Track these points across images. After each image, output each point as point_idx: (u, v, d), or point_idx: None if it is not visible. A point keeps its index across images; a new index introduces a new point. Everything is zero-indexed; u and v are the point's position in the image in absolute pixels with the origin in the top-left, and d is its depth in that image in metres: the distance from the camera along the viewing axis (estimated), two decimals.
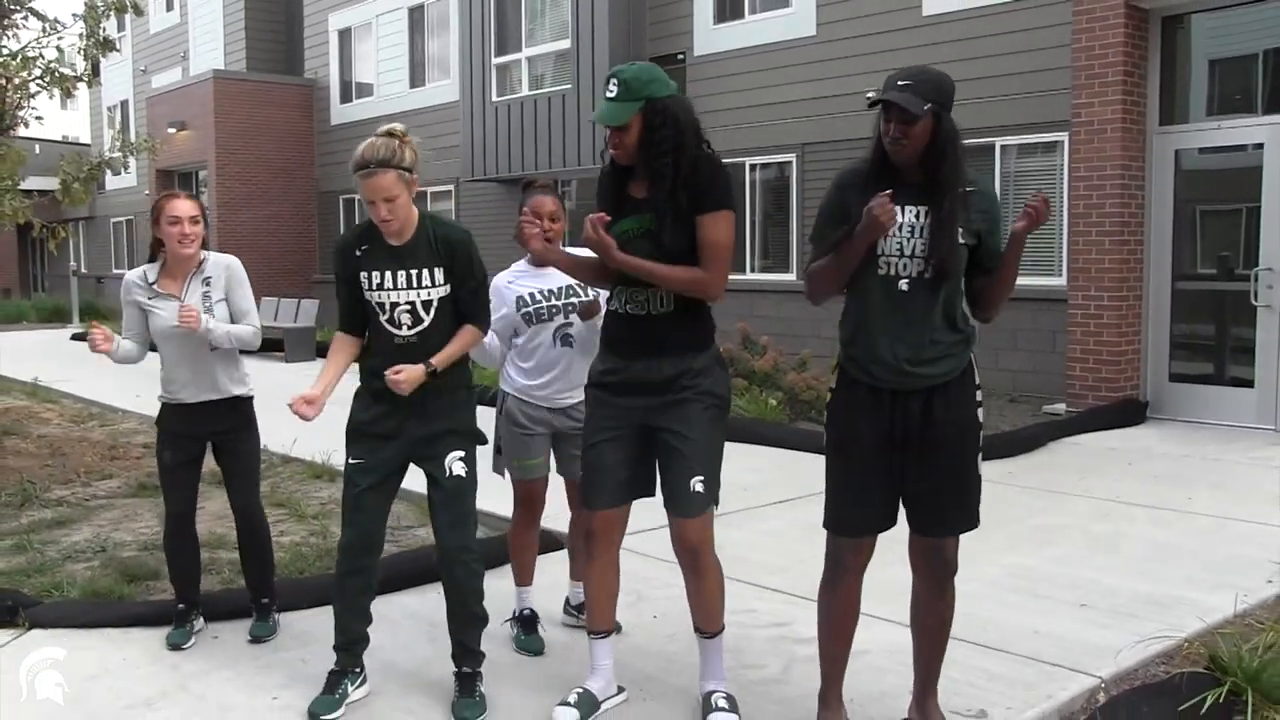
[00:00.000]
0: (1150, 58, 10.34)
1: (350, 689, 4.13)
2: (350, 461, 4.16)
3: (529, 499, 4.80)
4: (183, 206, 4.74)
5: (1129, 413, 10.17)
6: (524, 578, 4.87)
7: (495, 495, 5.60)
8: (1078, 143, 10.45)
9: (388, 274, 4.02)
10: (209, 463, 4.99)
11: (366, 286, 4.05)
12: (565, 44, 16.56)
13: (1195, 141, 10.39)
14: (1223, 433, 9.63)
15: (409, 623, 4.98)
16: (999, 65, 12.10)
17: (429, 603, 5.10)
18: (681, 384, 3.81)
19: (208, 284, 4.81)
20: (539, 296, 4.61)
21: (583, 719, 3.86)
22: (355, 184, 3.95)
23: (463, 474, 4.11)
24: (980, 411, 3.63)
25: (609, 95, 3.72)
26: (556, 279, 4.57)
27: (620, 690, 4.08)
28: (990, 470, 8.04)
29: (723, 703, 3.88)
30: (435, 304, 4.04)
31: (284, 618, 5.03)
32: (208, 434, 4.87)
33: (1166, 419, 10.26)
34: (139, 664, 4.58)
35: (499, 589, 5.26)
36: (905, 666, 3.90)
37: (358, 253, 4.06)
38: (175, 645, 4.74)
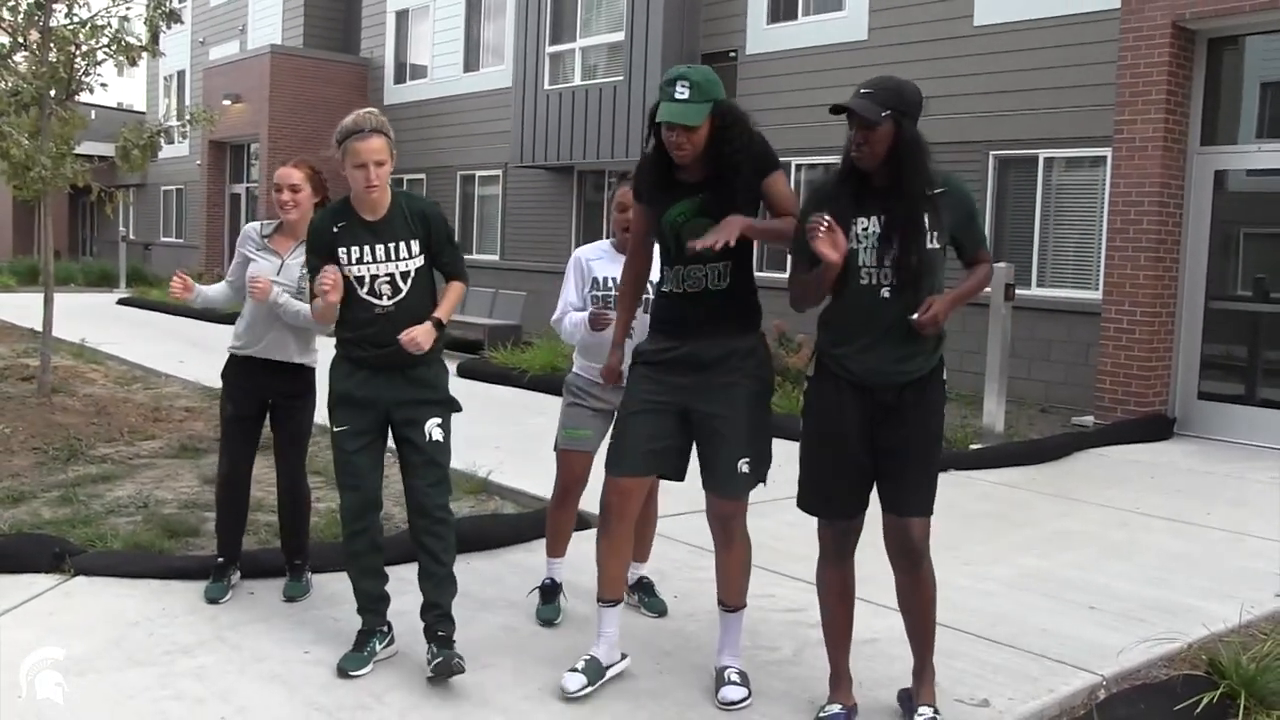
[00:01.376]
0: (1195, 78, 10.39)
1: (378, 647, 4.31)
2: (335, 430, 4.34)
3: (568, 473, 4.90)
4: (283, 174, 4.96)
5: (1156, 428, 10.23)
6: (555, 549, 5.01)
7: (524, 474, 5.86)
8: (1119, 159, 10.50)
9: (366, 248, 4.22)
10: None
11: (346, 261, 4.22)
12: (619, 36, 16.71)
13: (1237, 163, 10.42)
14: (1249, 452, 9.68)
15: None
16: (1046, 78, 12.16)
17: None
18: (731, 364, 3.94)
19: None
20: (611, 283, 4.78)
21: (590, 684, 4.00)
22: (340, 155, 4.18)
23: (441, 439, 4.31)
24: (943, 404, 3.86)
25: (679, 96, 3.80)
26: (617, 269, 4.67)
27: (623, 656, 4.20)
28: (1014, 476, 8.25)
29: (735, 677, 4.06)
30: (412, 274, 4.24)
31: (317, 579, 5.22)
32: (269, 394, 5.01)
33: (1194, 436, 10.32)
34: (177, 614, 4.78)
35: (519, 562, 5.46)
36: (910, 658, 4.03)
37: (335, 229, 4.25)
38: (213, 599, 4.94)
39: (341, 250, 4.23)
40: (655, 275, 4.33)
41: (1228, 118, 10.53)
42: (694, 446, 4.11)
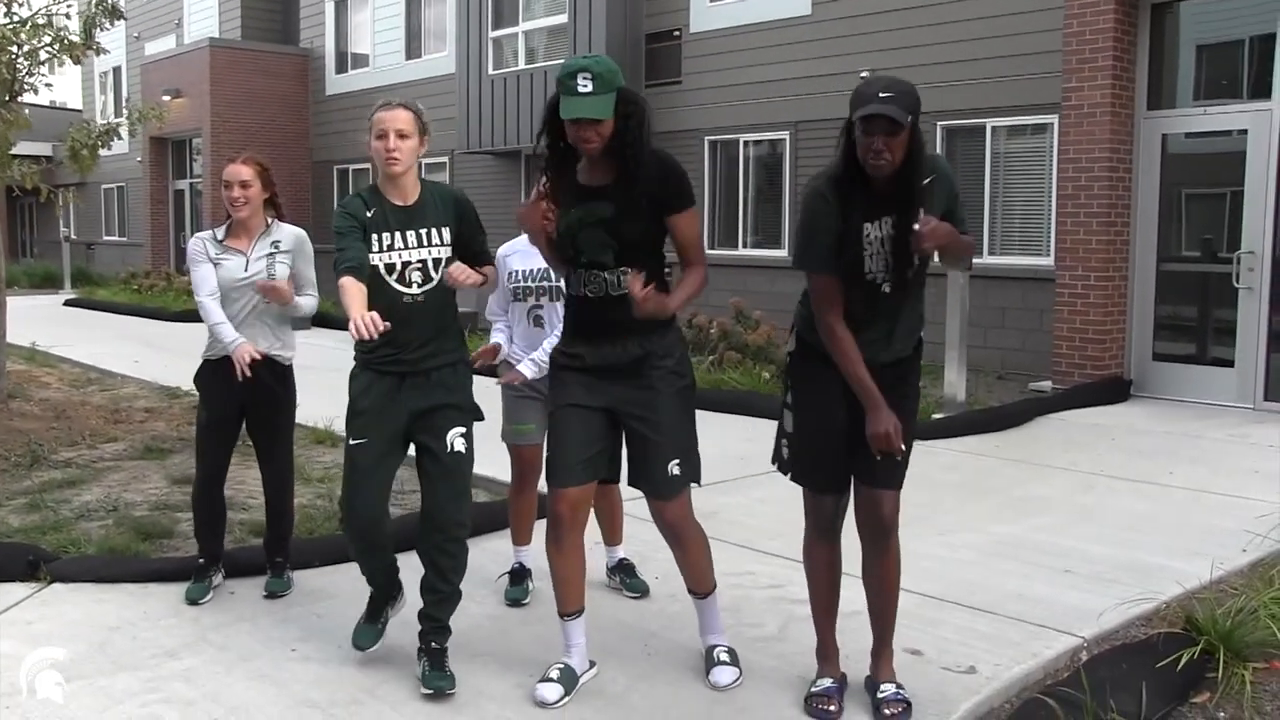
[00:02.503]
0: (1139, 43, 10.52)
1: (390, 613, 4.39)
2: (351, 442, 4.15)
3: (521, 463, 5.03)
4: (232, 171, 4.89)
5: (1113, 391, 10.39)
6: (521, 538, 5.12)
7: (496, 461, 5.79)
8: (1067, 126, 10.62)
9: (398, 234, 4.05)
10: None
11: (376, 248, 4.03)
12: (562, 18, 16.65)
13: (1182, 126, 10.58)
14: (1203, 410, 9.86)
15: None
16: (991, 47, 12.25)
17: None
18: (649, 366, 3.87)
19: (276, 246, 4.95)
20: (520, 276, 4.86)
21: (566, 693, 3.93)
22: (369, 135, 4.03)
23: (463, 450, 4.13)
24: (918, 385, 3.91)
25: (582, 90, 3.67)
26: (537, 260, 4.69)
27: (592, 664, 4.13)
28: (978, 443, 8.35)
29: (724, 656, 4.10)
30: (444, 262, 4.07)
31: (297, 575, 5.21)
32: (249, 395, 4.89)
33: (1149, 397, 10.49)
34: (160, 617, 4.75)
35: (498, 550, 5.46)
36: (902, 626, 4.07)
37: (368, 215, 4.06)
38: (194, 600, 4.90)
39: (374, 237, 4.04)
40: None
41: (1172, 82, 10.67)
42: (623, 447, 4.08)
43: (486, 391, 4.57)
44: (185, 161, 26.32)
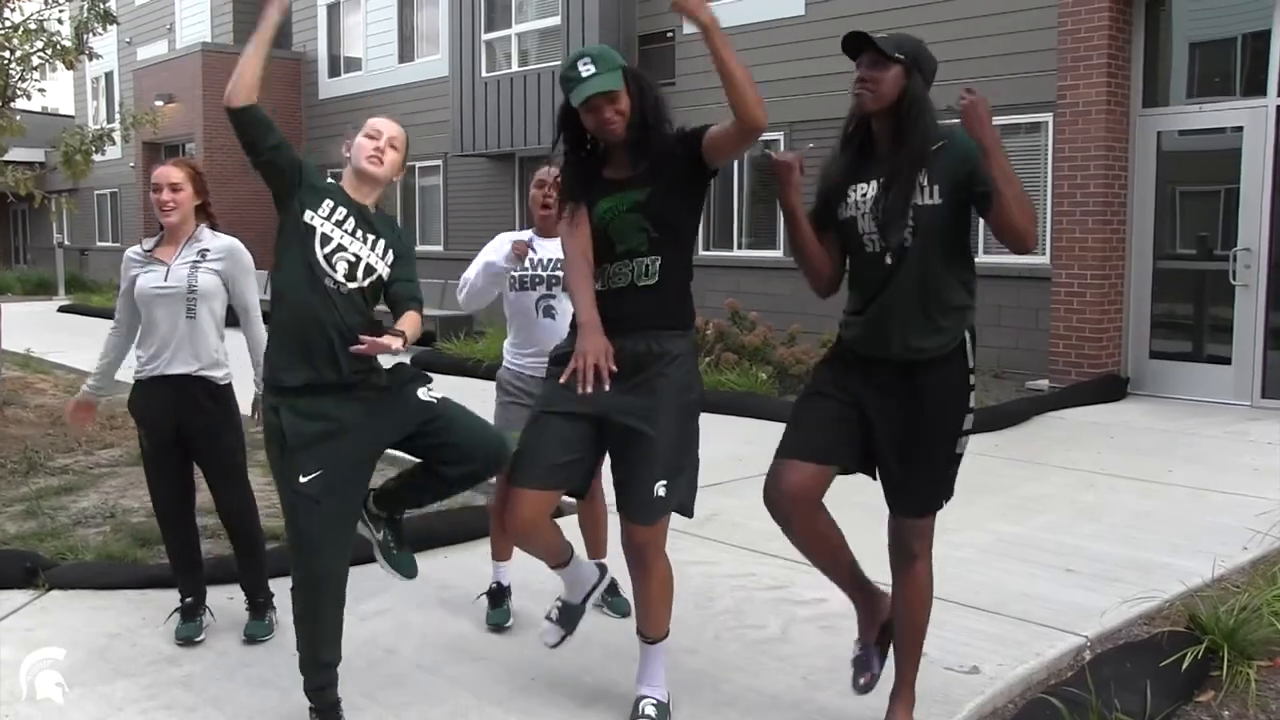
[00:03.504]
0: (1134, 40, 10.52)
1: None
2: (302, 481, 3.52)
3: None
4: (161, 173, 4.55)
5: (1110, 389, 10.39)
6: (501, 552, 4.75)
7: None
8: (1062, 124, 10.63)
9: (351, 219, 3.67)
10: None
11: (323, 213, 3.64)
12: (555, 20, 16.63)
13: (1177, 124, 10.58)
14: (1201, 408, 9.86)
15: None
16: (985, 46, 12.24)
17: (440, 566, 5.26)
18: (656, 369, 3.60)
19: (202, 255, 4.56)
20: (527, 264, 4.60)
21: (567, 632, 3.85)
22: (353, 130, 3.78)
23: (440, 395, 3.75)
24: (971, 396, 3.47)
25: (585, 74, 3.54)
26: (550, 250, 4.55)
27: (602, 571, 3.98)
28: (976, 443, 8.22)
29: (650, 710, 3.71)
30: (375, 275, 3.67)
31: (286, 580, 5.12)
32: (182, 420, 4.47)
33: (1147, 395, 10.49)
34: (159, 623, 4.71)
35: (470, 566, 5.43)
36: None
37: (328, 179, 3.77)
38: (187, 639, 4.50)
39: (328, 201, 3.66)
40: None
41: (1167, 79, 10.67)
42: (604, 460, 3.84)
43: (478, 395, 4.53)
44: (186, 160, 26.28)
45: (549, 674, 4.14)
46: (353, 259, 3.63)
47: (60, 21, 9.22)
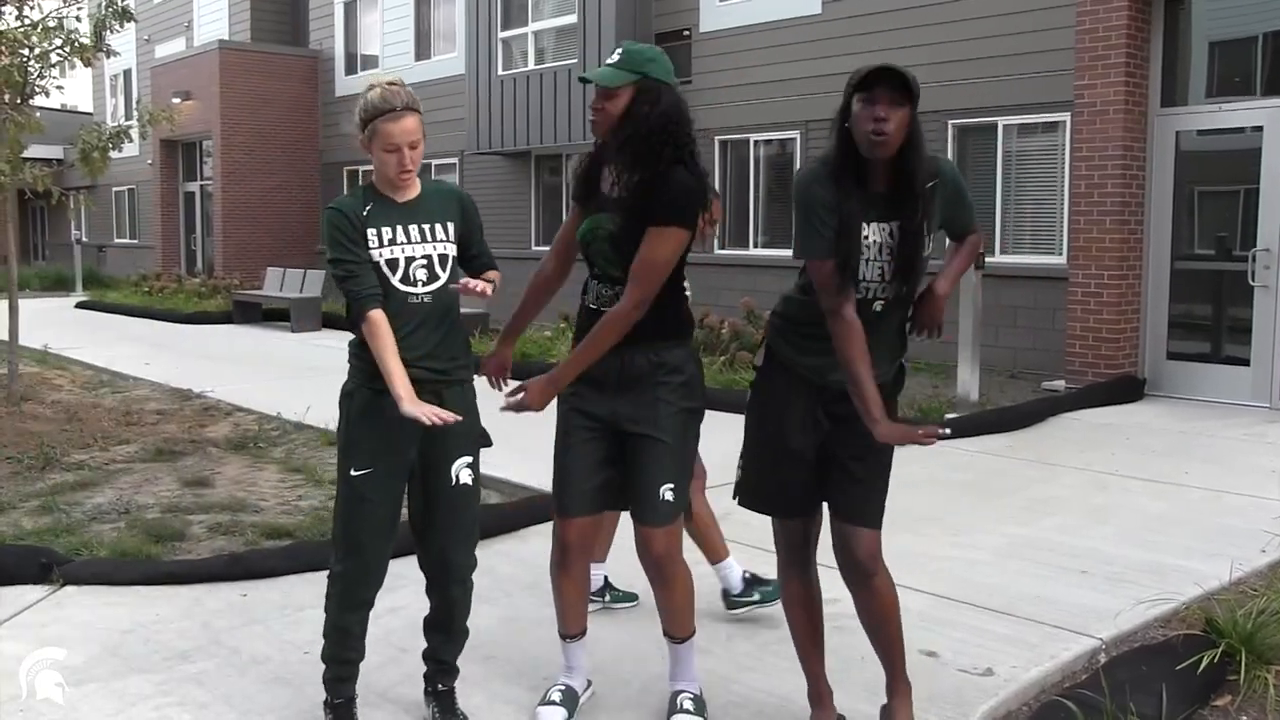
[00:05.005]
0: (1153, 40, 10.46)
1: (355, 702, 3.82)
2: (354, 473, 3.61)
3: None
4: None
5: (1127, 390, 10.33)
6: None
7: (507, 465, 5.77)
8: (1080, 123, 10.58)
9: (399, 229, 3.62)
10: None
11: (376, 244, 3.60)
12: (571, 18, 16.63)
13: (1195, 124, 10.52)
14: (1219, 410, 9.80)
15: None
16: (1003, 45, 12.21)
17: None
18: (656, 380, 3.61)
19: None
20: None
21: (569, 715, 3.82)
22: (366, 137, 3.56)
23: (469, 482, 3.73)
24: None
25: (608, 62, 3.60)
26: None
27: (588, 684, 3.99)
28: (991, 443, 8.30)
29: (689, 704, 3.77)
30: (450, 260, 3.68)
31: (308, 576, 5.16)
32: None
33: (1164, 396, 10.43)
34: (171, 619, 4.73)
35: (509, 551, 5.43)
36: (918, 628, 4.03)
37: (364, 212, 3.62)
38: None
39: (371, 231, 3.59)
40: None
41: (1186, 78, 10.62)
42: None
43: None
44: (196, 164, 26.35)
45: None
46: (424, 260, 3.63)
47: (79, 19, 9.27)
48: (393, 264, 3.61)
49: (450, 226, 3.71)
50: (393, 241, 3.62)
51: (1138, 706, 3.68)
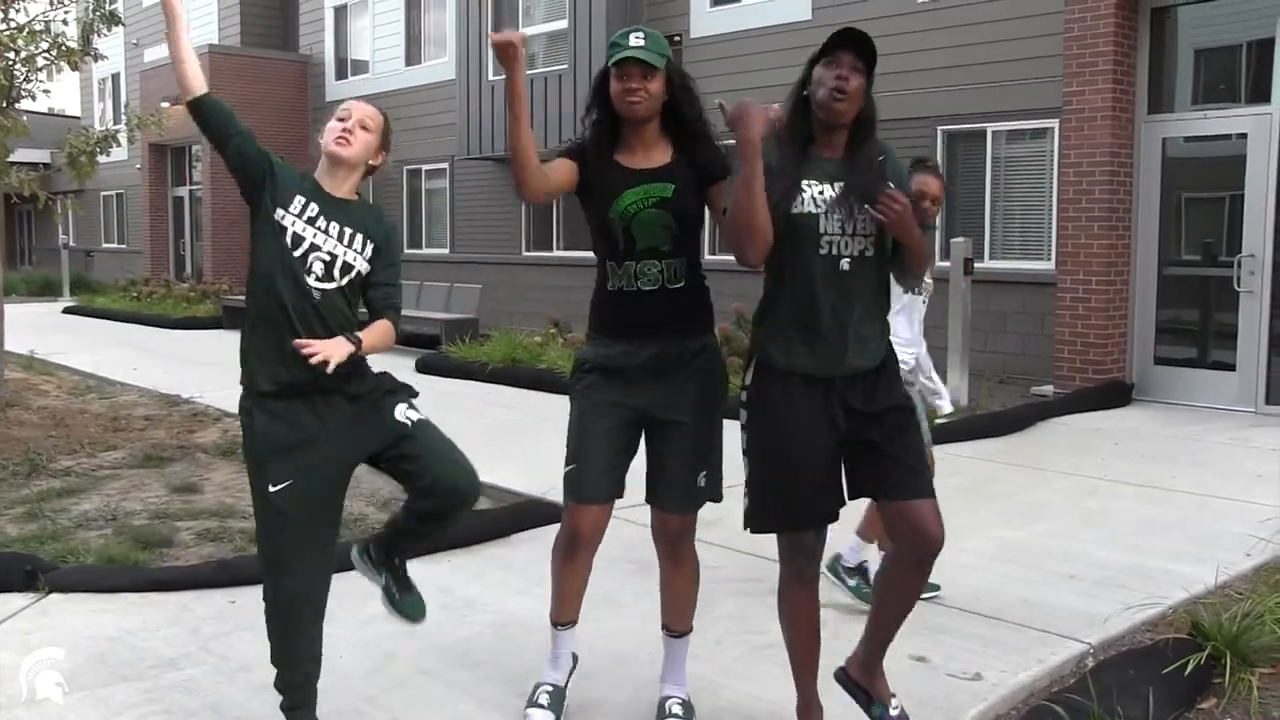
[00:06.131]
0: (1140, 47, 10.52)
1: None
2: (271, 490, 3.39)
3: None
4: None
5: (1115, 394, 10.37)
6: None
7: (498, 468, 5.80)
8: (1068, 130, 10.62)
9: (323, 215, 3.44)
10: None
11: (294, 210, 3.42)
12: (562, 24, 16.64)
13: (1182, 130, 10.57)
14: (1205, 414, 9.84)
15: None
16: (991, 52, 12.23)
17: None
18: (692, 367, 3.66)
19: None
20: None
21: (558, 717, 3.80)
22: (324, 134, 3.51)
23: (420, 417, 3.54)
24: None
25: (637, 43, 3.53)
26: None
27: (574, 660, 3.93)
28: (981, 448, 8.31)
29: (677, 709, 3.76)
30: (353, 272, 3.45)
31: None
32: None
33: (1152, 401, 10.47)
34: (159, 626, 4.71)
35: (499, 557, 5.42)
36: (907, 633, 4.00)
37: (299, 176, 3.50)
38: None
39: (300, 198, 3.43)
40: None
41: (1172, 86, 10.66)
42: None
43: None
44: (184, 168, 26.33)
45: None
46: (327, 258, 3.42)
47: (65, 23, 9.25)
48: (297, 239, 3.41)
49: (369, 245, 3.49)
50: (311, 222, 3.43)
51: (1125, 710, 3.69)
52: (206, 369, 13.15)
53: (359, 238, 3.48)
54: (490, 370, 12.22)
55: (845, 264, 3.30)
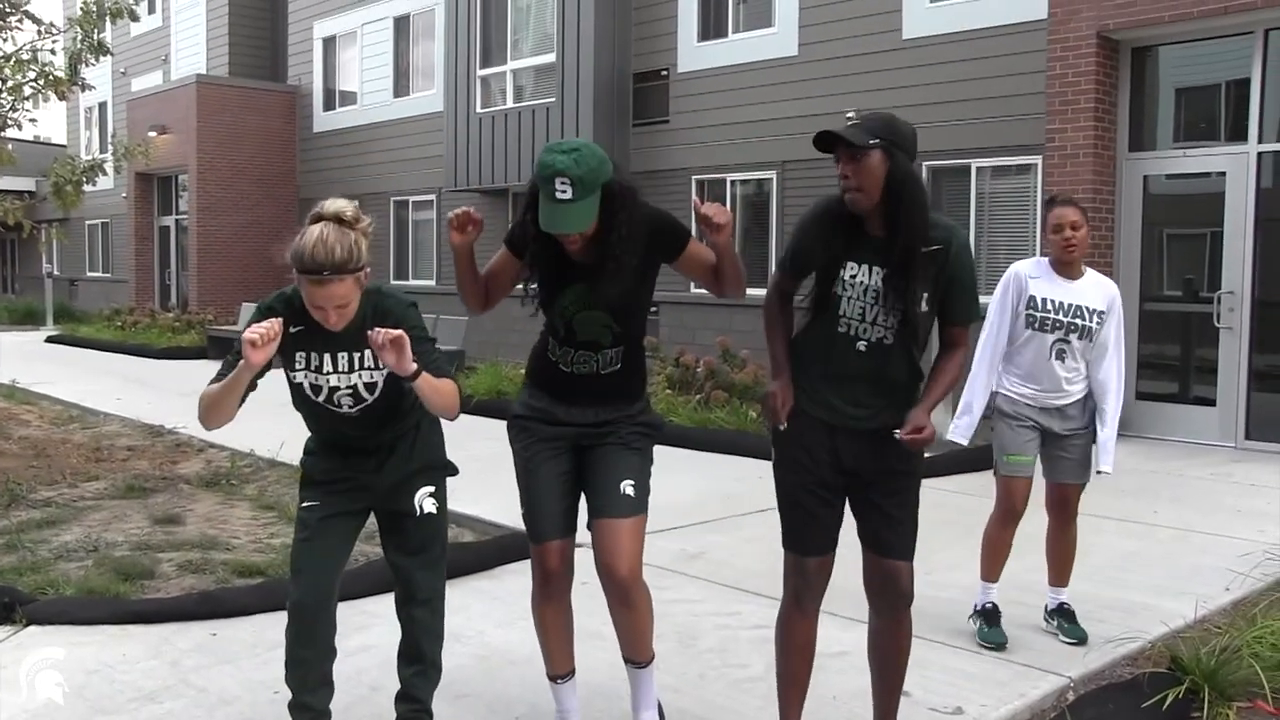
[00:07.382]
0: (1121, 86, 10.63)
1: None
2: (303, 506, 3.71)
3: (1009, 496, 5.08)
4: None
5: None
6: (992, 573, 5.10)
7: (481, 500, 5.75)
8: (1050, 166, 10.71)
9: (326, 356, 3.53)
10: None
11: (302, 366, 3.56)
12: (550, 58, 16.73)
13: (1163, 168, 10.68)
14: (1186, 449, 9.89)
15: None
16: (975, 89, 12.35)
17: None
18: (618, 423, 3.72)
19: None
20: (1049, 305, 4.89)
21: None
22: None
23: (434, 510, 3.75)
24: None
25: (561, 196, 3.35)
26: (1074, 294, 4.83)
27: None
28: (963, 483, 8.33)
29: None
30: (379, 385, 3.57)
31: (280, 615, 5.05)
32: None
33: (1133, 436, 10.50)
34: (138, 659, 4.67)
35: (482, 589, 5.36)
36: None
37: (291, 330, 3.49)
38: None
39: (299, 354, 3.55)
40: None
41: (1153, 124, 10.78)
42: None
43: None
44: (171, 198, 26.30)
45: (532, 711, 4.12)
46: (349, 392, 3.57)
47: (53, 52, 9.28)
48: (316, 389, 3.59)
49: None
50: (318, 369, 3.56)
51: None
52: (191, 399, 12.97)
53: (367, 354, 3.53)
54: (475, 403, 12.20)
55: (862, 346, 3.42)
